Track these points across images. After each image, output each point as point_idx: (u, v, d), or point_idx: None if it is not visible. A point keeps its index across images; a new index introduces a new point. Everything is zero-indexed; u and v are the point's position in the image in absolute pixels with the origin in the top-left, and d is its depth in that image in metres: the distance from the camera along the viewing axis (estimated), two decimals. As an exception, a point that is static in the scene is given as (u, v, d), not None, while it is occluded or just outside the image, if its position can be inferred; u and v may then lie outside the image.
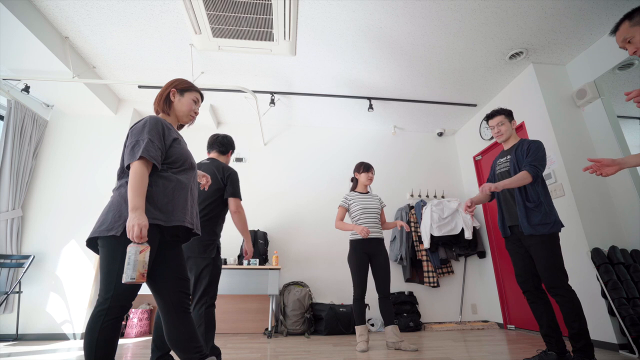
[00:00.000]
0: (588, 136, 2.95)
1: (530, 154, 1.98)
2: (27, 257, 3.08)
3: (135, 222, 1.12)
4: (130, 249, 1.11)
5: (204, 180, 1.72)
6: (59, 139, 3.59)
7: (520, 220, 1.95)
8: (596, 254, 2.49)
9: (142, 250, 1.11)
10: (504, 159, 2.15)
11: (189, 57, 3.10)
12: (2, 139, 3.13)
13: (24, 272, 3.02)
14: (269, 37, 2.60)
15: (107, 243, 1.19)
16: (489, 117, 2.21)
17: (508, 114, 2.17)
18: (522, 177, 1.91)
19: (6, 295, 2.87)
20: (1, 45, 2.67)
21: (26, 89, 3.18)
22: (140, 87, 3.55)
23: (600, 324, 2.44)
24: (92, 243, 1.27)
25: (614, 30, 1.44)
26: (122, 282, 1.12)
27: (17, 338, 2.92)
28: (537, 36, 2.84)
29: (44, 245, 3.22)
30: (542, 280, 1.87)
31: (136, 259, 1.10)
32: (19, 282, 2.97)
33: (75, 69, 3.00)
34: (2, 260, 3.00)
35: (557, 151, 2.88)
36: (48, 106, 3.63)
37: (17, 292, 2.98)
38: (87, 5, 2.53)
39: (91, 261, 3.24)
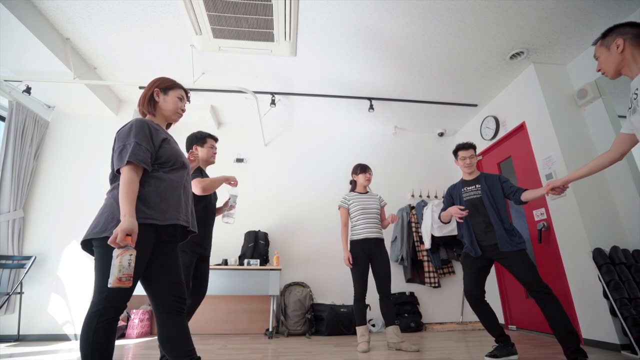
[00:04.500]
0: (589, 136, 2.95)
1: (507, 182, 2.29)
2: (28, 257, 3.09)
3: (118, 228, 1.12)
4: (113, 254, 1.12)
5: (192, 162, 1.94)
6: (60, 140, 3.60)
7: (501, 240, 2.15)
8: (598, 254, 2.49)
9: (118, 255, 1.10)
10: (472, 187, 2.36)
11: (189, 58, 3.11)
12: (4, 140, 3.13)
13: (26, 273, 3.02)
14: (270, 37, 2.60)
15: (101, 244, 1.19)
16: (462, 148, 2.41)
17: (475, 148, 2.44)
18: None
19: (8, 296, 2.88)
20: (2, 47, 2.68)
21: (27, 90, 3.19)
22: (141, 87, 3.54)
23: (602, 324, 2.44)
24: (87, 245, 1.27)
25: (594, 44, 1.55)
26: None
27: (18, 339, 2.92)
28: (538, 36, 2.84)
29: (45, 246, 3.22)
30: (528, 285, 2.03)
31: (113, 264, 1.09)
32: (21, 283, 2.98)
33: (76, 70, 3.01)
34: (3, 261, 3.00)
35: (558, 151, 2.88)
36: (49, 107, 3.64)
37: (19, 293, 2.99)
38: (88, 7, 2.54)
39: (92, 262, 3.24)
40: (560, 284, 2.84)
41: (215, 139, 2.31)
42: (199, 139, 2.24)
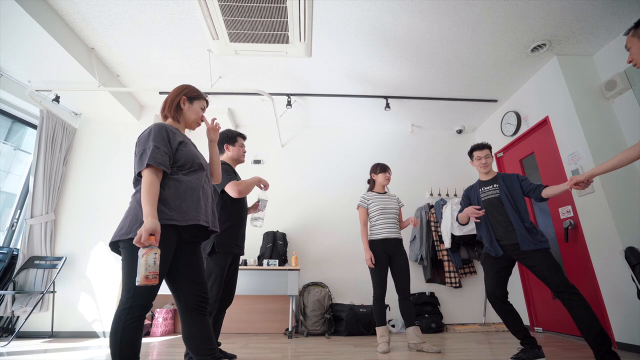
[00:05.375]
0: (619, 130, 2.81)
1: (525, 180, 2.26)
2: (59, 258, 3.24)
3: (142, 228, 1.16)
4: (138, 254, 1.16)
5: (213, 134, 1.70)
6: (87, 145, 3.76)
7: (522, 239, 2.10)
8: (630, 253, 2.36)
9: (143, 254, 1.13)
10: (490, 187, 2.34)
11: (207, 63, 3.18)
12: (36, 147, 3.31)
13: (57, 273, 3.17)
14: (285, 39, 2.62)
15: (127, 245, 1.24)
16: (477, 148, 2.41)
17: (490, 148, 2.43)
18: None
19: (42, 294, 3.03)
20: (36, 59, 2.83)
21: (56, 99, 3.34)
22: (161, 93, 3.66)
23: (637, 327, 2.32)
24: (115, 246, 1.33)
25: (626, 34, 1.53)
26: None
27: (52, 335, 3.08)
28: (561, 26, 2.73)
29: (75, 247, 3.38)
30: (553, 286, 1.97)
31: (139, 263, 1.13)
32: (53, 283, 3.13)
33: (100, 78, 3.13)
34: (37, 262, 3.17)
35: (585, 146, 2.76)
36: (76, 114, 3.81)
37: (52, 292, 3.15)
38: (111, 17, 2.64)
39: (119, 262, 3.36)
40: (589, 284, 2.71)
41: (244, 138, 2.34)
42: (230, 137, 2.27)
